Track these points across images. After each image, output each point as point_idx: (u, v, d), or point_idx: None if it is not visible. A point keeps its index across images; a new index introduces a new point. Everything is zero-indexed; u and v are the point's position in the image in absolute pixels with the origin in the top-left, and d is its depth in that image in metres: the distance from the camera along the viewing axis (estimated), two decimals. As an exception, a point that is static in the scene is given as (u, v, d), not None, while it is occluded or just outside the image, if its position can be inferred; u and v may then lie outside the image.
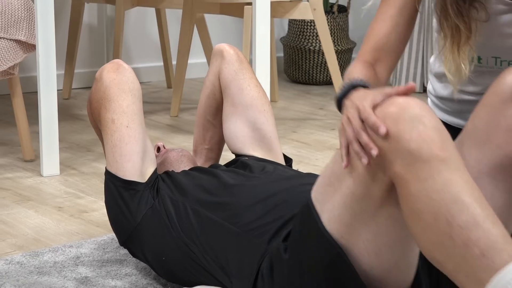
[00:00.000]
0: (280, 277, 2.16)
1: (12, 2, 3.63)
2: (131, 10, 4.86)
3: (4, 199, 3.32)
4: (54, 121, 3.56)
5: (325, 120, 4.45)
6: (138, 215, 2.56)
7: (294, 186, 2.42)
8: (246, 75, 2.81)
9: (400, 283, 2.10)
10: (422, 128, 1.88)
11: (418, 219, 1.89)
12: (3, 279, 2.61)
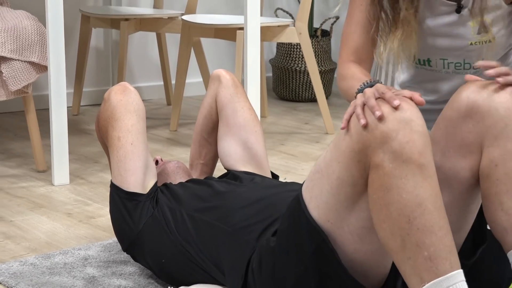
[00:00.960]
0: (268, 268, 2.17)
1: (26, 27, 3.63)
2: (134, 34, 4.86)
3: (19, 206, 3.32)
4: (64, 135, 3.57)
5: (310, 134, 4.46)
6: (139, 223, 2.57)
7: (280, 192, 2.44)
8: (240, 99, 2.82)
9: (380, 268, 2.11)
10: (408, 131, 1.89)
11: (384, 209, 1.91)
12: (18, 279, 2.62)
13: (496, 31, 2.46)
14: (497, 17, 2.44)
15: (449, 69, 2.55)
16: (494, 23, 2.45)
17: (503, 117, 2.02)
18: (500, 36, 2.47)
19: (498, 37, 2.47)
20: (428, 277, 1.89)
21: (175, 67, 4.66)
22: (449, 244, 1.90)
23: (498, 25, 2.46)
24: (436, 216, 1.90)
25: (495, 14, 2.44)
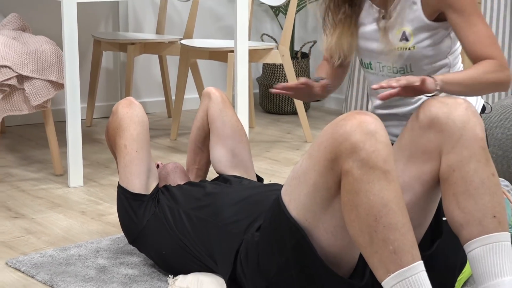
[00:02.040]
0: (253, 259, 2.18)
1: (46, 50, 3.63)
2: (139, 56, 4.86)
3: (39, 206, 3.32)
4: (78, 144, 3.56)
5: (291, 142, 4.46)
6: (143, 220, 2.57)
7: (264, 192, 2.45)
8: (228, 112, 2.82)
9: (350, 258, 2.12)
10: (374, 142, 1.90)
11: (354, 210, 1.92)
12: (38, 269, 2.62)
13: (418, 40, 2.43)
14: (419, 29, 2.42)
15: (383, 72, 2.52)
16: (416, 33, 2.42)
17: (459, 129, 2.02)
18: (423, 46, 2.44)
19: (420, 46, 2.43)
20: (393, 268, 1.89)
21: (175, 84, 4.66)
22: (411, 239, 1.91)
23: (420, 36, 2.43)
24: (399, 215, 1.91)
25: (417, 25, 2.42)
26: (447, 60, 2.47)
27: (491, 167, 2.03)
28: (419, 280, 1.89)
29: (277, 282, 2.13)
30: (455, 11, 2.35)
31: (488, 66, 2.27)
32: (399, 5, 2.41)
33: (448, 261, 2.38)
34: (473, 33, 2.34)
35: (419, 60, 2.44)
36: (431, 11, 2.40)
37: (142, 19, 5.09)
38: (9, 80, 3.54)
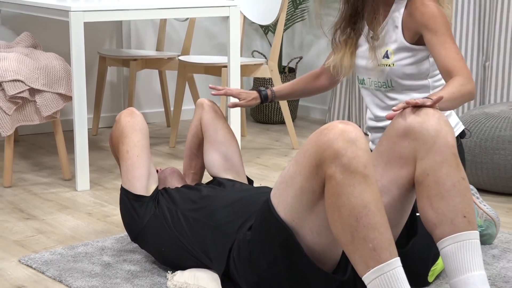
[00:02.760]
0: (245, 256, 2.17)
1: (55, 66, 3.63)
2: (141, 71, 4.86)
3: (49, 208, 3.31)
4: (85, 151, 3.55)
5: (280, 149, 4.46)
6: (144, 219, 2.57)
7: (254, 194, 2.45)
8: (219, 121, 2.82)
9: (333, 255, 2.12)
10: (354, 149, 1.91)
11: (337, 211, 1.92)
12: (48, 266, 2.61)
13: (397, 59, 2.55)
14: (399, 49, 2.55)
15: (372, 86, 2.65)
16: (396, 52, 2.55)
17: (432, 137, 2.04)
18: (402, 64, 2.56)
19: (399, 64, 2.55)
20: (372, 264, 1.90)
21: (173, 96, 4.66)
22: (388, 237, 1.91)
23: (400, 55, 2.55)
24: (378, 215, 1.91)
25: (398, 46, 2.55)
26: (426, 81, 2.59)
27: (461, 172, 2.04)
28: (396, 275, 1.89)
29: (267, 277, 2.13)
30: (430, 31, 2.47)
31: (460, 81, 2.34)
32: (385, 28, 2.55)
33: (422, 256, 2.40)
34: (445, 49, 2.44)
35: (398, 76, 2.57)
36: (411, 34, 2.53)
37: (143, 37, 5.09)
38: (22, 93, 3.54)
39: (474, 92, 2.35)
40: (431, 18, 2.46)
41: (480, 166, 3.45)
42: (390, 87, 2.59)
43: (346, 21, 2.65)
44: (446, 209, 2.01)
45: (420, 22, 2.48)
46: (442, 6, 2.50)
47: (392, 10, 2.56)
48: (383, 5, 2.56)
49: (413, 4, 2.51)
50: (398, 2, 2.55)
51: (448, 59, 2.41)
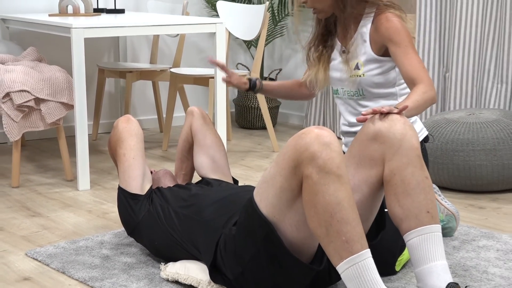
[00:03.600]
0: (230, 249, 2.17)
1: (58, 77, 3.62)
2: (136, 82, 4.84)
3: (53, 206, 3.29)
4: (86, 154, 3.54)
5: (262, 152, 4.46)
6: (139, 215, 2.56)
7: (239, 193, 2.44)
8: (208, 127, 2.82)
9: (310, 247, 2.12)
10: (329, 151, 1.92)
11: (313, 208, 1.93)
12: (52, 258, 2.60)
13: (367, 70, 2.55)
14: (368, 61, 2.55)
15: (345, 96, 2.64)
16: (366, 63, 2.55)
17: (399, 140, 2.04)
18: (372, 74, 2.56)
19: (369, 74, 2.55)
20: (345, 255, 1.90)
21: (166, 105, 4.65)
22: (360, 231, 1.91)
23: (370, 66, 2.55)
24: (350, 211, 1.91)
25: (367, 58, 2.55)
26: (393, 89, 2.59)
27: (425, 171, 2.05)
28: (367, 265, 1.90)
29: (250, 268, 2.13)
30: (394, 44, 2.47)
31: (423, 88, 2.34)
32: (355, 42, 2.55)
33: (389, 247, 2.40)
34: (408, 59, 2.44)
35: (368, 85, 2.56)
36: (378, 46, 2.53)
37: (138, 51, 5.08)
38: (28, 102, 3.53)
39: (436, 97, 2.37)
40: (394, 32, 2.46)
41: (441, 167, 3.46)
42: (362, 95, 2.59)
43: (319, 39, 2.65)
44: (411, 205, 2.01)
45: (385, 36, 2.48)
46: (404, 21, 2.50)
47: (360, 26, 2.56)
48: (353, 21, 2.56)
49: (378, 20, 2.51)
50: (365, 18, 2.55)
51: (411, 68, 2.42)
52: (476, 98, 4.09)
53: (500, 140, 3.41)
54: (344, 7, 2.51)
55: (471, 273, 2.47)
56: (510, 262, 2.56)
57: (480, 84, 4.06)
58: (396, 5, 2.54)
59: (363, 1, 2.53)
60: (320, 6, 2.53)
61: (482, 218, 3.11)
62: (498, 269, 2.51)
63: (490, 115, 3.57)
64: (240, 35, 4.59)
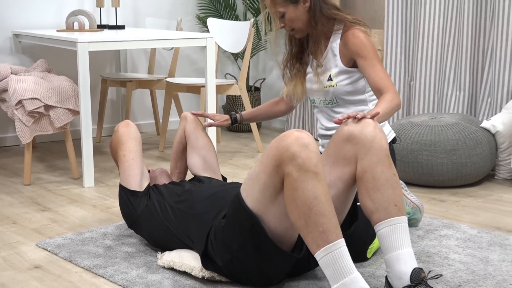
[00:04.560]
0: (220, 238, 2.17)
1: (65, 86, 3.61)
2: (135, 90, 4.84)
3: (61, 201, 3.28)
4: (90, 155, 3.52)
5: (248, 152, 4.45)
6: (138, 210, 2.55)
7: (227, 189, 2.44)
8: (200, 130, 2.81)
9: (291, 237, 2.12)
10: (307, 151, 1.92)
11: (293, 202, 1.92)
12: (60, 248, 2.59)
13: (339, 81, 2.56)
14: (339, 72, 2.56)
15: (321, 104, 2.65)
16: (338, 75, 2.56)
17: (370, 141, 2.04)
18: (343, 84, 2.57)
19: (341, 84, 2.56)
20: (322, 244, 1.90)
21: (162, 110, 4.63)
22: (335, 222, 1.91)
23: (341, 77, 2.56)
24: (326, 205, 1.91)
25: (338, 70, 2.56)
26: (363, 96, 2.61)
27: (393, 169, 2.05)
28: (341, 253, 1.89)
29: (238, 255, 2.13)
30: (361, 57, 2.49)
31: (390, 96, 2.35)
32: (326, 57, 2.56)
33: (362, 237, 2.40)
34: (374, 71, 2.45)
35: (341, 94, 2.57)
36: (347, 59, 2.55)
37: (137, 63, 5.06)
38: (38, 108, 3.51)
39: (401, 104, 2.39)
40: (361, 46, 2.47)
41: (407, 165, 3.47)
42: (336, 103, 2.60)
43: (294, 57, 2.65)
44: (381, 199, 2.01)
45: (352, 50, 2.49)
46: (370, 36, 2.51)
47: (330, 41, 2.57)
48: (323, 38, 2.57)
49: (346, 36, 2.52)
50: (334, 34, 2.56)
51: (377, 78, 2.43)
52: (438, 104, 4.10)
53: (459, 141, 3.42)
54: (316, 24, 2.51)
55: (434, 259, 2.48)
56: (468, 249, 2.57)
57: (441, 91, 4.07)
58: (361, 21, 2.55)
59: (332, 18, 2.54)
60: (298, 26, 2.53)
61: (443, 210, 3.12)
62: (458, 255, 2.51)
63: (450, 119, 3.58)
64: (228, 48, 4.58)
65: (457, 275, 2.32)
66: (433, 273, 2.33)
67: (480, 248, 2.58)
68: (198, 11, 5.18)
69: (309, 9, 2.51)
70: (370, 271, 2.37)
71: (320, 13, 2.51)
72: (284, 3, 2.50)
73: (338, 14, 2.54)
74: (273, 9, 2.53)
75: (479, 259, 2.47)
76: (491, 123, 3.56)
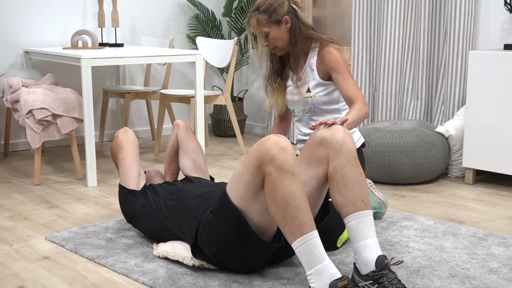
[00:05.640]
0: (208, 231, 2.16)
1: (71, 97, 3.59)
2: (133, 101, 4.81)
3: (67, 199, 3.25)
4: (93, 158, 3.49)
5: (232, 155, 4.44)
6: (136, 207, 2.54)
7: (215, 188, 2.43)
8: (190, 136, 2.80)
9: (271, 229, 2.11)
10: (285, 154, 1.92)
11: (273, 198, 1.92)
12: (66, 241, 2.57)
13: (317, 92, 2.58)
14: (317, 85, 2.58)
15: (300, 113, 2.66)
16: (315, 87, 2.58)
17: (339, 144, 2.05)
18: (320, 95, 2.58)
19: (318, 95, 2.58)
20: (298, 235, 1.89)
21: (157, 118, 4.61)
22: (309, 216, 1.91)
23: (318, 89, 2.58)
24: (302, 201, 1.91)
25: (315, 83, 2.57)
26: (337, 105, 2.63)
27: (359, 169, 2.05)
28: (315, 242, 1.89)
29: (224, 245, 2.12)
30: (335, 71, 2.51)
31: (359, 105, 2.37)
32: (305, 72, 2.57)
33: (332, 228, 2.40)
34: (346, 83, 2.47)
35: (319, 104, 2.59)
36: (323, 73, 2.57)
37: (135, 76, 5.04)
38: (47, 117, 3.49)
39: (369, 112, 2.40)
40: (335, 62, 2.49)
41: (373, 165, 3.48)
42: (313, 112, 2.60)
43: (275, 73, 2.66)
44: (350, 195, 2.02)
45: (328, 66, 2.51)
46: (342, 53, 2.53)
47: (308, 58, 2.58)
48: (302, 55, 2.58)
49: (322, 53, 2.53)
50: (312, 51, 2.58)
51: (349, 90, 2.44)
52: (398, 111, 4.12)
53: (417, 144, 3.44)
54: (296, 42, 2.53)
55: (396, 247, 2.48)
56: (425, 238, 2.58)
57: (400, 100, 4.10)
58: (335, 40, 2.57)
59: (310, 38, 2.56)
60: (280, 45, 2.55)
61: (403, 205, 3.13)
62: (416, 243, 2.52)
63: (408, 124, 3.60)
64: (214, 63, 4.58)
65: (416, 261, 2.33)
66: (395, 259, 2.34)
67: (436, 237, 2.60)
68: (188, 31, 5.17)
69: (290, 29, 2.52)
70: (340, 259, 2.37)
71: (299, 33, 2.52)
72: (268, 24, 2.51)
73: (315, 34, 2.56)
74: (259, 29, 2.54)
75: (435, 247, 2.48)
76: (445, 128, 3.59)
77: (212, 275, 2.20)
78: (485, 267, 2.26)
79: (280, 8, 2.52)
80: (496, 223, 2.80)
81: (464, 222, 2.82)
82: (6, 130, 4.21)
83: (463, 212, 3.00)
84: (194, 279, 2.16)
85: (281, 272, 2.23)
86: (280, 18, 2.52)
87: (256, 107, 5.28)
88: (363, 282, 1.94)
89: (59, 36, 4.57)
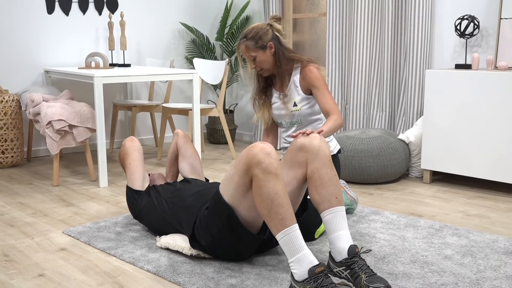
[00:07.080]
0: (203, 224, 2.14)
1: (85, 110, 3.56)
2: (139, 113, 4.79)
3: (82, 198, 3.21)
4: (104, 162, 3.46)
5: (225, 159, 4.42)
6: (141, 205, 2.51)
7: (209, 188, 2.42)
8: (188, 143, 2.78)
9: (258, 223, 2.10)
10: (269, 158, 1.91)
11: (259, 196, 1.91)
12: (81, 235, 2.54)
13: (302, 105, 2.57)
14: (301, 99, 2.57)
15: (287, 125, 2.64)
16: (301, 101, 2.57)
17: (317, 150, 2.05)
18: (305, 108, 2.57)
19: (303, 108, 2.57)
20: (281, 228, 1.88)
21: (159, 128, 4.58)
22: (291, 212, 1.90)
23: (303, 103, 2.57)
24: (284, 198, 1.90)
25: (300, 98, 2.56)
26: (319, 115, 2.63)
27: (334, 171, 2.05)
28: (295, 234, 1.88)
29: (218, 237, 2.11)
30: (315, 87, 2.51)
31: (335, 117, 2.39)
32: (290, 89, 2.57)
33: (311, 222, 2.39)
34: (324, 98, 2.48)
35: (304, 115, 2.61)
36: (305, 89, 2.57)
37: (140, 92, 5.01)
38: (64, 127, 3.46)
39: (343, 123, 2.41)
40: (315, 79, 2.49)
41: (345, 167, 3.48)
42: (300, 123, 2.60)
43: (261, 91, 2.65)
44: (325, 193, 2.01)
45: (309, 82, 2.51)
46: (321, 71, 2.53)
47: (292, 76, 2.58)
48: (287, 74, 2.58)
49: (304, 72, 2.54)
50: (295, 71, 2.58)
51: (326, 104, 2.45)
52: (366, 122, 4.13)
53: (382, 149, 3.44)
54: (280, 64, 2.53)
55: (365, 238, 2.48)
56: (390, 230, 2.58)
57: (368, 112, 4.11)
58: (314, 60, 2.59)
59: (291, 59, 2.56)
60: (266, 67, 2.55)
61: (371, 201, 3.13)
62: (382, 234, 2.52)
63: (375, 132, 3.61)
64: (209, 81, 4.57)
65: (382, 250, 2.33)
66: (365, 248, 2.34)
67: (399, 229, 2.60)
68: (186, 53, 5.17)
69: (274, 53, 2.53)
70: (317, 248, 2.36)
71: (282, 55, 2.53)
72: (255, 49, 2.52)
73: (296, 56, 2.56)
74: (247, 54, 2.54)
75: (398, 237, 2.48)
76: (406, 136, 3.60)
77: (207, 263, 2.18)
78: (441, 254, 2.26)
79: (265, 35, 2.52)
80: (450, 216, 2.81)
81: (423, 216, 2.83)
82: (28, 138, 4.18)
83: (422, 207, 3.00)
84: (192, 267, 2.14)
85: (267, 260, 2.22)
86: (265, 44, 2.52)
87: (245, 118, 5.27)
88: (337, 268, 1.94)
89: (75, 57, 4.54)
